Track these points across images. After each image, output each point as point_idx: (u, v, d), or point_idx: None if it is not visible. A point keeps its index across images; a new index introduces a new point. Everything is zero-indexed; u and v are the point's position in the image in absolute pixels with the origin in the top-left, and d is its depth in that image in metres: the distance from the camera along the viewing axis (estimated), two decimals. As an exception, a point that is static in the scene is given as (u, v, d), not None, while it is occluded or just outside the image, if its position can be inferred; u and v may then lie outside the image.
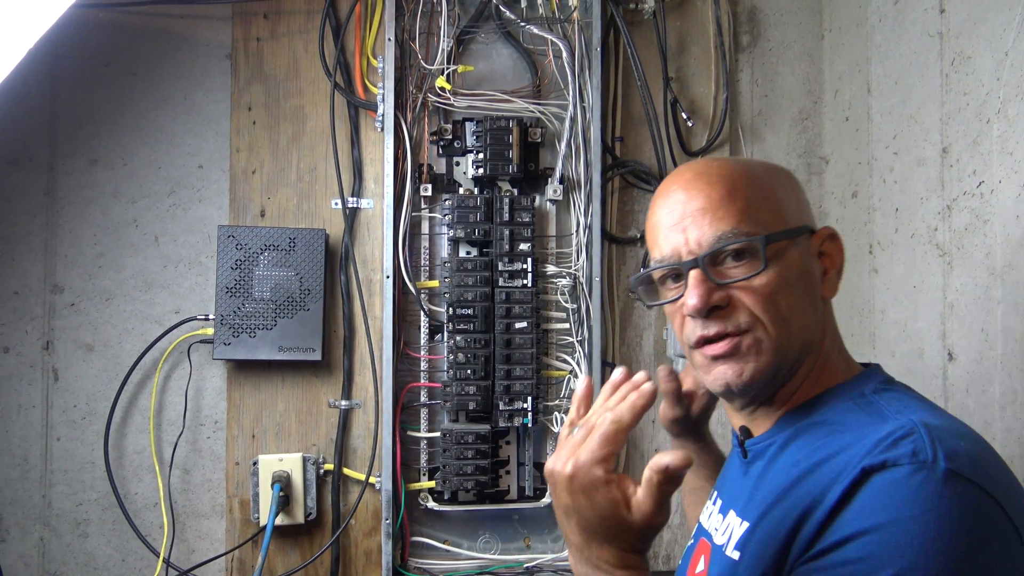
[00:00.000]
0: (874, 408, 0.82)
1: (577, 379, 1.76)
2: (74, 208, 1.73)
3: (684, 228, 0.86)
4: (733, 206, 0.85)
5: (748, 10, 1.99)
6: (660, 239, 0.89)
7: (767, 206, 0.86)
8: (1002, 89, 1.37)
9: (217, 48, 1.79)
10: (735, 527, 0.87)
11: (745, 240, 0.84)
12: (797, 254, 0.86)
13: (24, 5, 1.12)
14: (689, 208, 0.86)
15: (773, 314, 0.84)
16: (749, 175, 0.88)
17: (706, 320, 0.85)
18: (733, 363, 0.85)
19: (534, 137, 1.78)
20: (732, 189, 0.86)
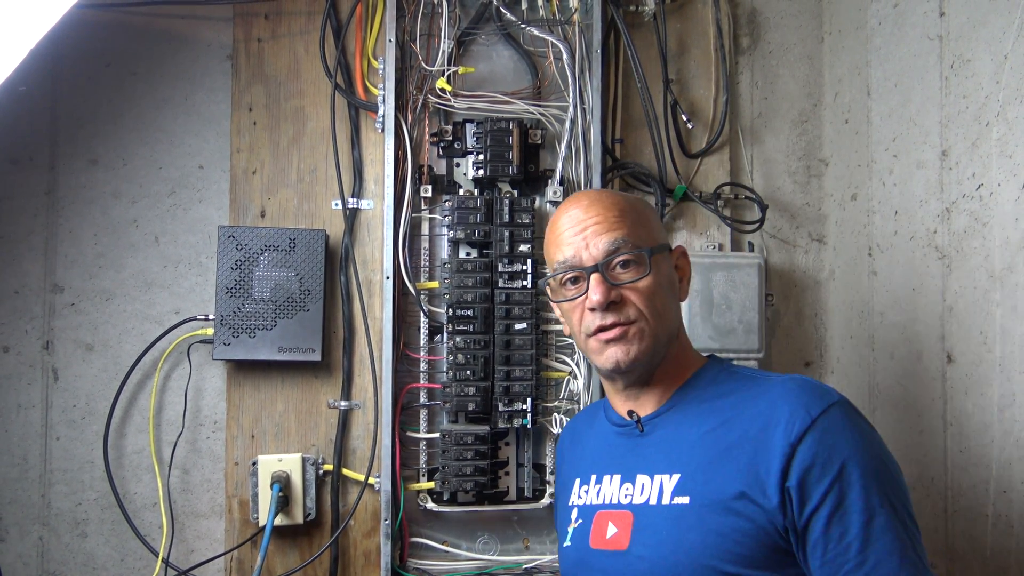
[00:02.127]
0: (745, 374, 1.12)
1: (576, 380, 1.77)
2: (74, 208, 1.73)
3: (585, 238, 1.11)
4: (623, 224, 1.11)
5: (748, 13, 1.99)
6: (564, 245, 1.13)
7: (645, 227, 1.13)
8: (1001, 92, 1.37)
9: (218, 49, 1.79)
10: (663, 482, 1.07)
11: (635, 251, 1.10)
12: (666, 265, 1.15)
13: (25, 6, 1.12)
14: (589, 223, 1.12)
15: (652, 309, 1.10)
16: (630, 202, 1.16)
17: (604, 312, 1.09)
18: (622, 345, 1.10)
19: (534, 139, 1.78)
20: (622, 212, 1.12)
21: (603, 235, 1.10)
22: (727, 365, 1.17)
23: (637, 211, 1.15)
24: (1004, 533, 1.36)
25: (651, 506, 1.07)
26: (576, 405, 1.77)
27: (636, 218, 1.13)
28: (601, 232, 1.11)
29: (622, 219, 1.12)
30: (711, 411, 1.08)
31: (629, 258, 1.10)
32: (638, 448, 1.14)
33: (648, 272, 1.10)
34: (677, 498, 1.04)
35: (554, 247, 1.16)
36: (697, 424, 1.08)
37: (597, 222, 1.11)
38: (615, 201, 1.14)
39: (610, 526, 1.11)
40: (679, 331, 1.16)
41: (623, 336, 1.09)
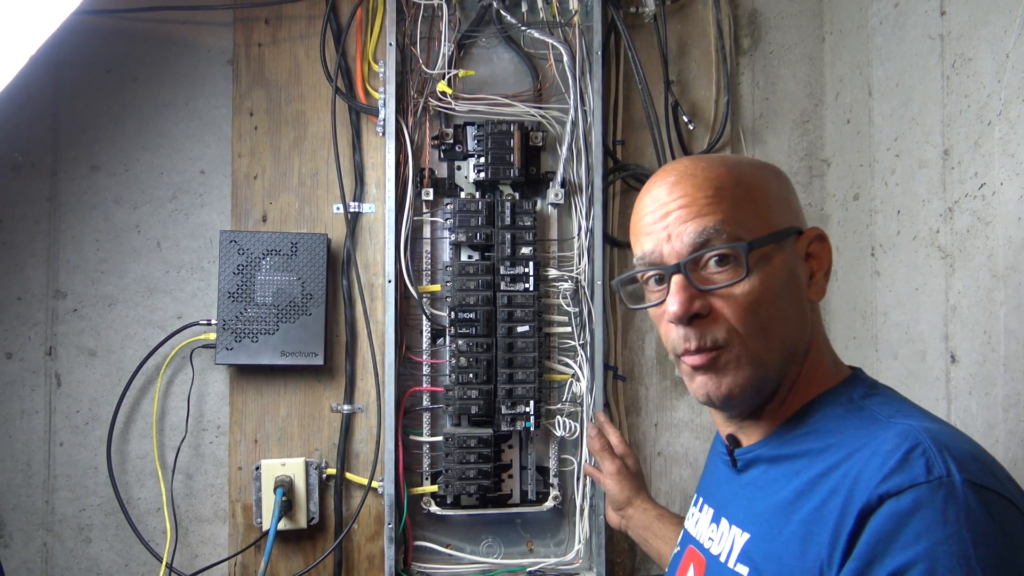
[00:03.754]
0: (866, 414, 0.81)
1: (579, 382, 1.77)
2: (76, 214, 1.73)
3: (667, 227, 0.85)
4: (718, 208, 0.83)
5: (749, 13, 1.99)
6: (642, 236, 0.88)
7: (753, 208, 0.84)
8: (1003, 91, 1.37)
9: (219, 53, 1.79)
10: (735, 537, 0.87)
11: (727, 247, 0.82)
12: (782, 258, 0.84)
13: (27, 12, 1.13)
14: (673, 206, 0.85)
15: (752, 326, 0.82)
16: (736, 175, 0.85)
17: (687, 328, 0.84)
18: (713, 376, 0.85)
19: (535, 141, 1.78)
20: (718, 189, 0.84)
21: (689, 222, 0.84)
22: (864, 390, 0.85)
23: (745, 186, 0.85)
24: (1010, 533, 1.35)
25: (720, 562, 0.89)
26: (579, 408, 1.77)
27: (742, 195, 0.84)
28: (687, 219, 0.84)
29: (718, 199, 0.83)
30: (810, 462, 0.82)
31: (723, 253, 0.83)
32: (733, 484, 0.93)
33: (745, 275, 0.82)
34: (739, 565, 0.85)
35: (633, 237, 0.91)
36: (787, 476, 0.84)
37: (683, 205, 0.84)
38: (713, 172, 0.85)
39: (691, 568, 0.95)
40: (809, 345, 0.87)
41: (712, 364, 0.84)
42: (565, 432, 1.76)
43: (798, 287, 0.85)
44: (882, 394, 0.85)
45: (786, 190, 0.88)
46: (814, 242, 0.87)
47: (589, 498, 1.75)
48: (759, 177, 0.86)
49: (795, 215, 0.87)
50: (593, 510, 1.75)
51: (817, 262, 0.86)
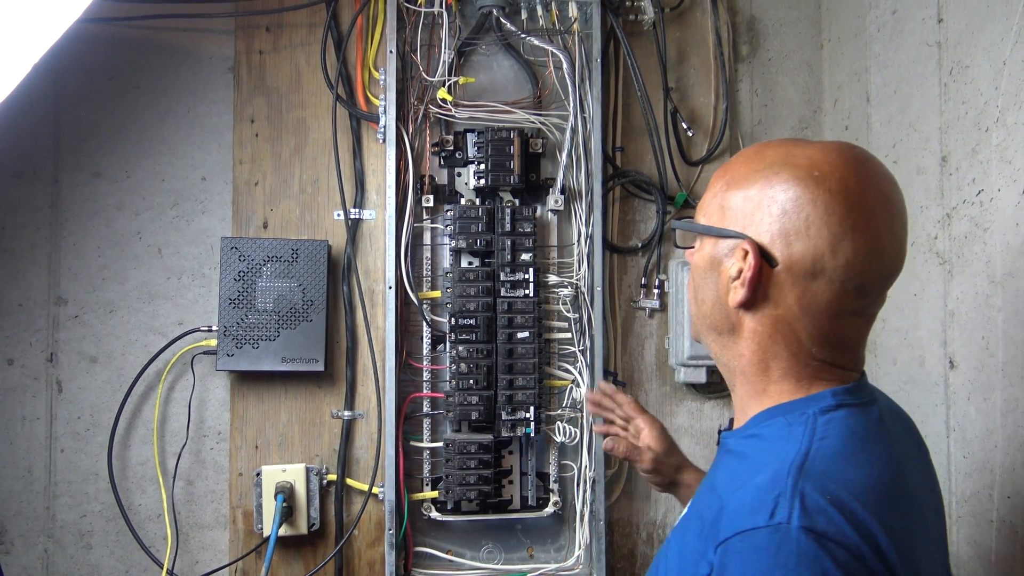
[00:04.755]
0: (791, 432, 0.83)
1: (579, 388, 1.77)
2: (78, 220, 1.74)
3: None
4: (712, 188, 0.93)
5: (747, 20, 2.00)
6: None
7: (725, 204, 0.89)
8: (1000, 98, 1.38)
9: (220, 61, 1.80)
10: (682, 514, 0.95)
11: (676, 225, 0.99)
12: (711, 248, 0.91)
13: (30, 20, 1.13)
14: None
15: (690, 290, 0.98)
16: (747, 170, 0.88)
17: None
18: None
19: (535, 148, 1.78)
20: (720, 177, 0.92)
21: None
22: (827, 404, 0.85)
23: (744, 181, 0.88)
24: (1008, 539, 1.35)
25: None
26: (579, 413, 1.77)
27: (728, 187, 0.90)
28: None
29: (711, 186, 0.93)
30: (736, 461, 0.89)
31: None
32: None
33: (686, 247, 0.98)
34: (671, 532, 0.93)
35: None
36: (723, 468, 0.91)
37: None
38: (739, 160, 0.91)
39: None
40: (747, 349, 0.89)
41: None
42: (565, 438, 1.76)
43: (718, 280, 0.90)
44: (838, 415, 0.85)
45: (771, 198, 0.85)
46: (735, 251, 0.87)
47: (589, 504, 1.75)
48: (757, 179, 0.87)
49: (753, 223, 0.86)
50: (593, 515, 1.75)
51: (738, 271, 0.87)
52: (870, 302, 0.86)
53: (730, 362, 0.93)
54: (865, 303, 0.86)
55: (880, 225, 0.83)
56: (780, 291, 0.85)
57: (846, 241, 0.81)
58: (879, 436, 0.85)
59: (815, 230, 0.82)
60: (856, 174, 0.84)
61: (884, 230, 0.84)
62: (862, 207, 0.83)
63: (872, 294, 0.85)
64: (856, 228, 0.82)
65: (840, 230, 0.81)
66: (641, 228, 1.91)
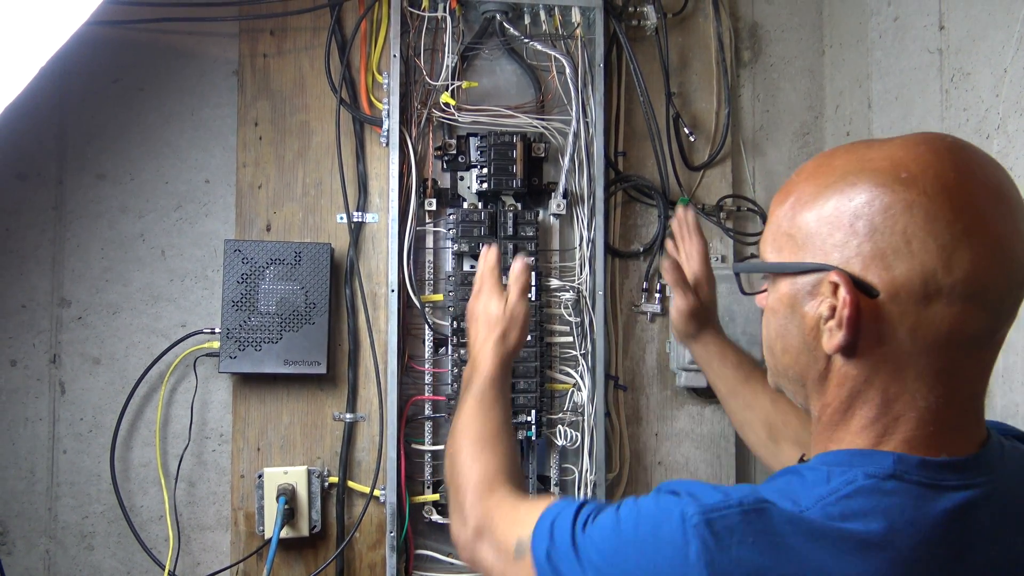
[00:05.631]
0: (817, 481, 0.71)
1: (580, 392, 1.78)
2: (82, 222, 1.74)
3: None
4: (774, 217, 0.78)
5: (749, 26, 2.01)
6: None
7: (796, 232, 0.75)
8: (1001, 105, 1.38)
9: (224, 64, 1.81)
10: None
11: (739, 268, 0.88)
12: (789, 288, 0.76)
13: (36, 24, 1.14)
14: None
15: (763, 339, 0.83)
16: (815, 187, 0.74)
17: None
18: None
19: (538, 152, 1.79)
20: (783, 201, 0.77)
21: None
22: (867, 472, 0.70)
23: (814, 200, 0.73)
24: (1008, 544, 1.36)
25: None
26: (580, 417, 1.78)
27: (797, 212, 0.75)
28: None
29: (774, 214, 0.78)
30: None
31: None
32: None
33: (753, 292, 0.87)
34: None
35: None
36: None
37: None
38: (803, 177, 0.76)
39: None
40: (821, 386, 0.76)
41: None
42: (567, 441, 1.76)
43: (803, 324, 0.75)
44: (866, 492, 0.69)
45: (853, 214, 0.70)
46: (821, 286, 0.73)
47: (590, 507, 1.76)
48: (831, 194, 0.73)
49: (837, 248, 0.71)
50: (594, 519, 1.75)
51: (830, 309, 0.72)
52: (1001, 322, 0.71)
53: (814, 410, 0.79)
54: (995, 323, 0.70)
55: (997, 223, 0.67)
56: (888, 325, 0.69)
57: (960, 250, 0.66)
58: (918, 529, 0.67)
59: (918, 244, 0.67)
60: (955, 167, 0.69)
61: (1003, 228, 0.68)
62: (971, 205, 0.67)
63: (1003, 310, 0.70)
64: (969, 232, 0.66)
65: (950, 238, 0.66)
66: (643, 232, 1.91)
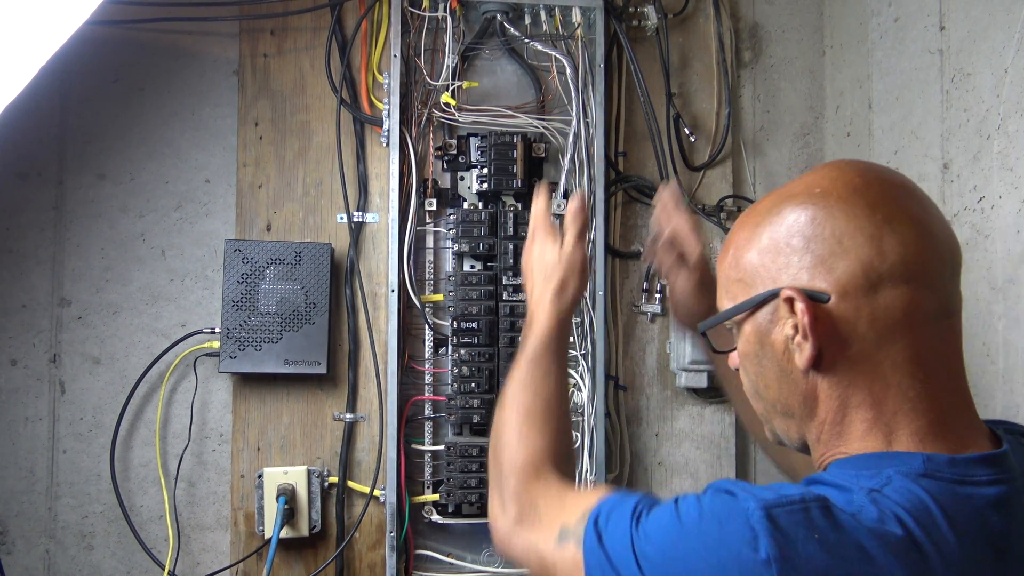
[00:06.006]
0: (843, 485, 0.70)
1: (580, 392, 1.78)
2: (82, 222, 1.74)
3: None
4: (721, 274, 0.82)
5: (750, 27, 2.01)
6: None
7: (744, 274, 0.78)
8: (1002, 105, 1.38)
9: (224, 64, 1.81)
10: None
11: (703, 326, 0.85)
12: (752, 326, 0.78)
13: (36, 23, 1.14)
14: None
15: (748, 390, 0.83)
16: (748, 231, 0.78)
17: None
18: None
19: (538, 152, 1.79)
20: (724, 256, 0.81)
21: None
22: (883, 480, 0.68)
23: (754, 240, 0.77)
24: (1009, 545, 1.36)
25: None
26: (580, 417, 1.78)
27: (742, 255, 0.78)
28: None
29: (721, 264, 0.82)
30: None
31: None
32: None
33: (716, 351, 0.87)
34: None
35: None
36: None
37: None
38: (742, 223, 0.80)
39: None
40: (810, 409, 0.76)
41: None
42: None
43: (774, 353, 0.76)
44: (908, 488, 0.68)
45: (786, 235, 0.74)
46: (778, 311, 0.75)
47: (590, 508, 1.75)
48: (762, 229, 0.77)
49: (781, 271, 0.74)
50: (594, 520, 1.75)
51: (793, 328, 0.73)
52: (948, 296, 0.73)
53: (810, 438, 0.79)
54: (943, 299, 0.72)
55: (913, 209, 0.73)
56: (847, 324, 0.71)
57: (887, 236, 0.70)
58: (959, 525, 0.67)
59: (849, 240, 0.71)
60: (859, 173, 0.75)
61: (919, 213, 0.73)
62: (883, 197, 0.73)
63: (946, 286, 0.73)
64: (889, 219, 0.71)
65: (874, 227, 0.71)
66: (643, 233, 1.91)
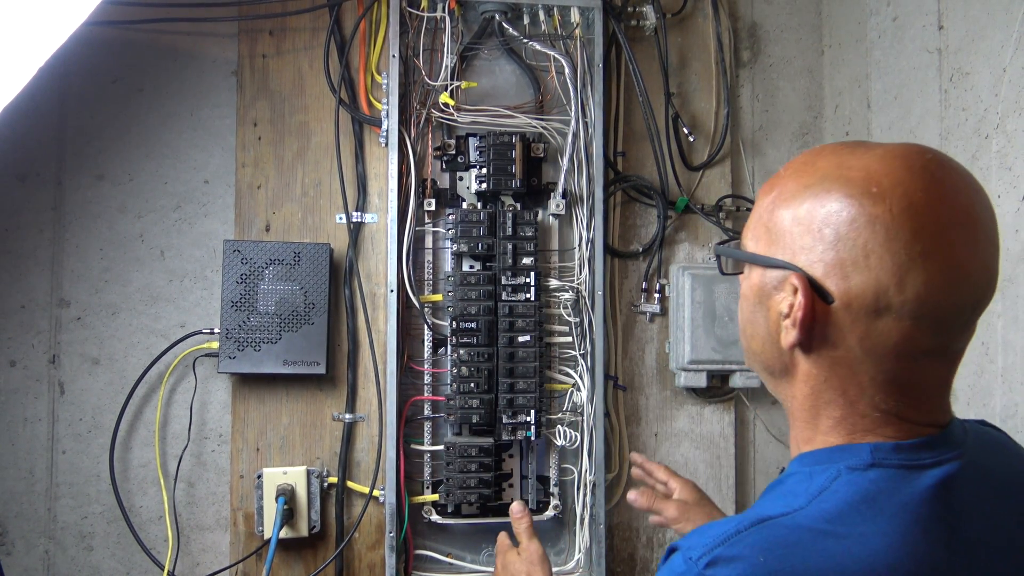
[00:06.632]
0: (809, 484, 0.73)
1: (579, 392, 1.78)
2: (81, 223, 1.74)
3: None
4: (758, 205, 0.82)
5: (748, 26, 2.01)
6: None
7: (773, 226, 0.78)
8: (1000, 105, 1.38)
9: (223, 65, 1.81)
10: None
11: (719, 250, 0.88)
12: (759, 279, 0.79)
13: (36, 24, 1.14)
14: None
15: (740, 321, 0.85)
16: (796, 185, 0.77)
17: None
18: None
19: (537, 152, 1.79)
20: (767, 193, 0.81)
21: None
22: (855, 463, 0.73)
23: (789, 202, 0.77)
24: (1008, 544, 1.36)
25: None
26: (579, 417, 1.78)
27: (775, 206, 0.79)
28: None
29: (757, 206, 0.82)
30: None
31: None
32: None
33: (731, 273, 0.87)
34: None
35: None
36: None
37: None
38: (783, 176, 0.80)
39: None
40: (787, 379, 0.80)
41: None
42: (566, 441, 1.76)
43: (767, 316, 0.79)
44: (852, 483, 0.72)
45: (823, 220, 0.73)
46: (785, 284, 0.76)
47: (589, 507, 1.76)
48: (807, 196, 0.75)
49: (804, 250, 0.74)
50: (593, 519, 1.75)
51: (788, 307, 0.75)
52: (950, 339, 0.72)
53: (784, 402, 0.82)
54: (945, 340, 0.71)
55: (958, 248, 0.69)
56: (838, 331, 0.72)
57: (915, 271, 0.68)
58: (909, 510, 0.70)
59: (876, 259, 0.68)
60: (925, 187, 0.69)
61: (964, 253, 0.69)
62: (933, 228, 0.68)
63: (954, 330, 0.71)
64: (927, 254, 0.67)
65: (906, 258, 0.68)
66: (642, 233, 1.91)
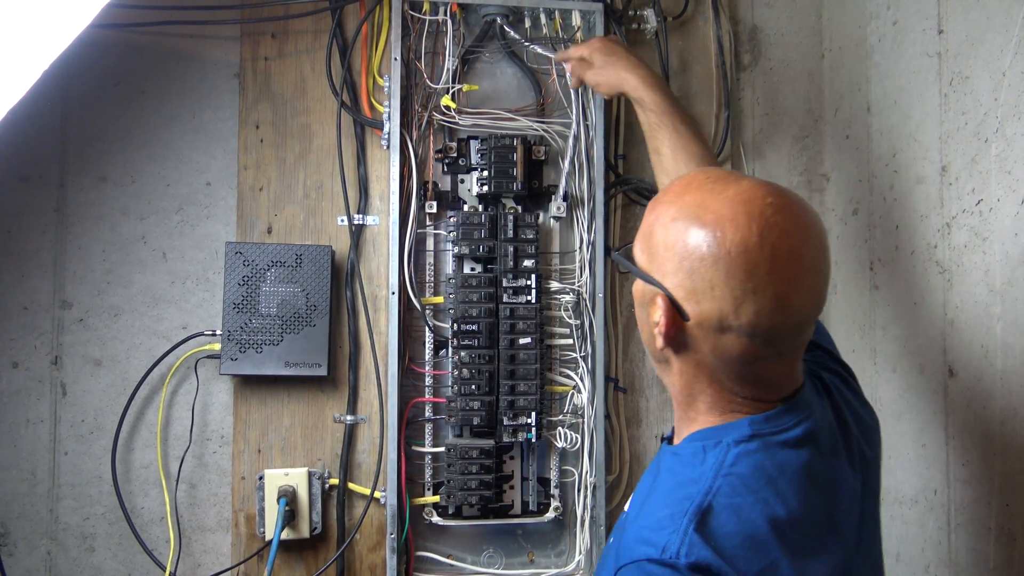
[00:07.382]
0: (704, 458, 0.91)
1: (580, 394, 1.78)
2: (83, 225, 1.75)
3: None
4: (644, 220, 0.97)
5: (749, 30, 2.01)
6: None
7: (652, 243, 0.94)
8: (1000, 109, 1.39)
9: (225, 67, 1.81)
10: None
11: (615, 257, 1.07)
12: (640, 287, 0.96)
13: (40, 27, 1.14)
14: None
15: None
16: (673, 212, 0.92)
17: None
18: None
19: (538, 155, 1.80)
20: (653, 207, 0.96)
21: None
22: (740, 435, 0.92)
23: (664, 220, 0.93)
24: (1007, 546, 1.36)
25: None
26: (580, 419, 1.78)
27: (657, 224, 0.95)
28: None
29: (650, 212, 0.97)
30: (650, 477, 1.02)
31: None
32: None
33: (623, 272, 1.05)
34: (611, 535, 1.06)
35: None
36: (650, 470, 1.04)
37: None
38: (672, 194, 0.96)
39: None
40: (667, 368, 0.98)
41: None
42: (566, 443, 1.77)
43: (647, 318, 0.96)
44: (747, 450, 0.91)
45: (683, 255, 0.89)
46: (656, 299, 0.92)
47: (590, 509, 1.76)
48: (675, 229, 0.91)
49: (671, 273, 0.90)
50: (594, 521, 1.76)
51: (658, 318, 0.92)
52: (784, 348, 0.91)
53: (668, 388, 1.01)
54: (779, 349, 0.90)
55: (783, 283, 0.85)
56: (695, 341, 0.91)
57: (747, 303, 0.85)
58: (794, 466, 0.90)
59: (718, 291, 0.86)
60: (759, 232, 0.85)
61: (789, 287, 0.86)
62: (763, 268, 0.84)
63: (784, 342, 0.90)
64: (756, 290, 0.85)
65: (741, 292, 0.85)
66: (643, 235, 1.92)
